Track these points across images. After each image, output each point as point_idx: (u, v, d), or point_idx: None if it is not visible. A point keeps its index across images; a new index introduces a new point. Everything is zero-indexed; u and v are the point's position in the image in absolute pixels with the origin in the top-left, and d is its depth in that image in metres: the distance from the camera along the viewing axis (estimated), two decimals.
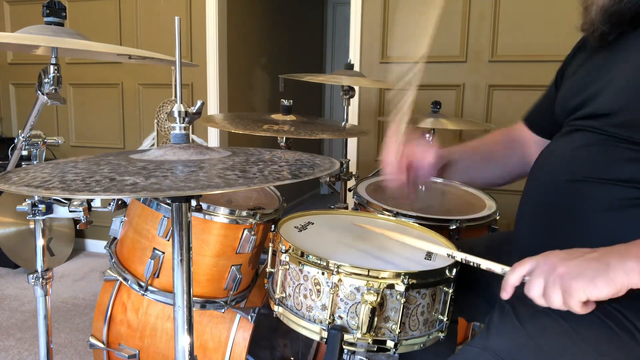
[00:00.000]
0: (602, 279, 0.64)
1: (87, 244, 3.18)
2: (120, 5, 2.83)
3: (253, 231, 1.17)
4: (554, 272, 0.68)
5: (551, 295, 0.67)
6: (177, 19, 0.66)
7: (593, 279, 0.64)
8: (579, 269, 0.66)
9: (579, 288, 0.65)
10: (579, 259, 0.67)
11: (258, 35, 3.49)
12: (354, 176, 1.77)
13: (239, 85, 3.19)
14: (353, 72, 1.70)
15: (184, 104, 0.71)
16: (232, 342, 1.29)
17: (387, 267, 0.85)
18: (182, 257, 0.70)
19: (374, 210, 1.34)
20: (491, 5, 2.27)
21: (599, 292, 0.64)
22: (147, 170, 0.59)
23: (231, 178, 0.57)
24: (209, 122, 1.44)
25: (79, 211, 1.13)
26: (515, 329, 0.76)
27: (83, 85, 2.99)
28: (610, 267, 0.64)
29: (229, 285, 1.21)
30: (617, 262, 0.65)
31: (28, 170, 0.62)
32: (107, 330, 1.31)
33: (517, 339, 0.75)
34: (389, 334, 0.85)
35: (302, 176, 0.61)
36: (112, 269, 1.25)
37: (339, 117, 2.04)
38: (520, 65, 2.25)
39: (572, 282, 0.65)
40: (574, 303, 0.65)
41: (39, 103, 1.10)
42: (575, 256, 0.68)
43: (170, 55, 1.08)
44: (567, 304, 0.66)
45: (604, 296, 0.64)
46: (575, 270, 0.66)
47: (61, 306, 2.32)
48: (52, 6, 1.01)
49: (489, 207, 1.44)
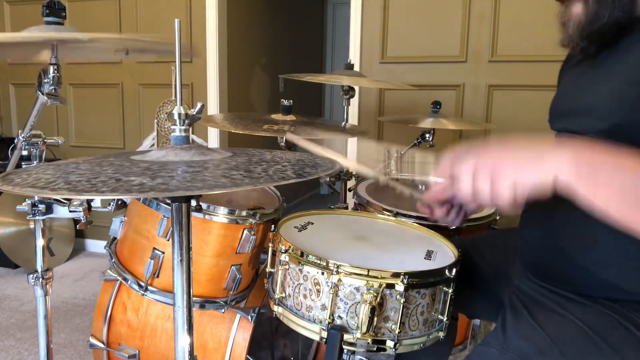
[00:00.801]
0: (531, 164, 0.63)
1: (87, 244, 3.18)
2: (120, 5, 2.83)
3: (253, 231, 1.17)
4: (484, 159, 0.67)
5: (478, 182, 0.66)
6: (177, 22, 0.66)
7: (523, 161, 0.64)
8: (511, 154, 0.65)
9: (508, 169, 0.64)
10: (515, 145, 0.66)
11: (258, 35, 3.49)
12: (354, 176, 1.78)
13: (239, 85, 3.19)
14: (353, 72, 1.70)
15: (184, 106, 0.71)
16: (232, 342, 1.29)
17: (386, 267, 0.85)
18: (182, 257, 0.70)
19: (374, 210, 1.34)
20: (491, 5, 2.27)
21: (528, 176, 0.63)
22: (152, 171, 0.59)
23: (237, 178, 0.58)
24: (209, 122, 1.44)
25: (79, 211, 1.13)
26: (534, 330, 0.76)
27: (83, 85, 2.99)
28: (544, 155, 0.64)
29: (228, 285, 1.21)
30: (550, 151, 0.64)
31: (30, 171, 0.62)
32: (107, 330, 1.31)
33: (539, 341, 0.74)
34: (388, 333, 0.85)
35: (306, 175, 0.62)
36: (112, 269, 1.25)
37: (339, 117, 2.04)
38: (520, 65, 2.25)
39: (501, 165, 0.65)
40: (502, 187, 0.64)
41: (39, 103, 1.10)
42: (512, 143, 0.67)
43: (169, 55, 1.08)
44: (495, 188, 0.65)
45: (530, 182, 0.63)
46: (508, 155, 0.66)
47: (61, 306, 2.32)
48: (52, 6, 1.01)
49: (489, 207, 1.44)
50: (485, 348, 0.78)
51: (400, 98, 2.47)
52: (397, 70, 2.45)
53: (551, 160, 0.62)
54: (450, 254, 1.00)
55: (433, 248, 1.02)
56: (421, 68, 2.41)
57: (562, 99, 0.91)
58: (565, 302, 0.80)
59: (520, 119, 2.24)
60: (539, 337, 0.75)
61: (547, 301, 0.82)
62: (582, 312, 0.77)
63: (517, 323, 0.80)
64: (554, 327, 0.75)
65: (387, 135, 2.51)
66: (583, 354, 0.71)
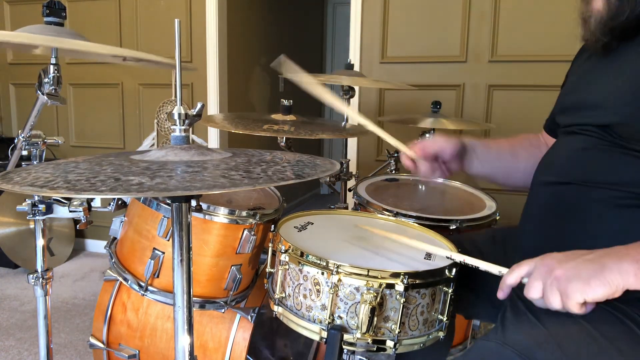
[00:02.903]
0: (597, 280, 0.65)
1: (87, 244, 3.18)
2: (120, 5, 2.83)
3: (253, 231, 1.17)
4: (551, 275, 0.69)
5: (550, 297, 0.69)
6: (177, 22, 0.66)
7: (588, 280, 0.66)
8: (575, 271, 0.67)
9: (575, 290, 0.66)
10: (576, 261, 0.69)
11: (258, 35, 3.49)
12: (354, 176, 1.78)
13: (239, 86, 3.19)
14: (353, 72, 1.70)
15: (184, 106, 0.71)
16: (232, 342, 1.29)
17: (386, 267, 0.85)
18: (182, 257, 0.70)
19: (374, 210, 1.34)
20: (491, 5, 2.27)
21: (594, 293, 0.65)
22: (151, 171, 0.59)
23: (236, 178, 0.58)
24: (209, 122, 1.44)
25: (79, 211, 1.13)
26: (534, 325, 0.77)
27: (83, 85, 2.99)
28: (606, 269, 0.65)
29: (229, 285, 1.21)
30: (612, 264, 0.66)
31: (30, 170, 0.62)
32: (107, 330, 1.31)
33: (538, 336, 0.75)
34: (388, 333, 0.85)
35: (305, 176, 0.62)
36: (112, 269, 1.25)
37: (339, 117, 2.04)
38: (520, 65, 2.25)
39: (568, 285, 0.67)
40: (572, 304, 0.67)
41: (39, 103, 1.10)
42: (572, 258, 0.69)
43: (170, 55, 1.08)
44: (566, 305, 0.68)
45: (599, 297, 0.65)
46: (572, 272, 0.67)
47: (61, 306, 2.32)
48: (52, 6, 1.01)
49: (489, 207, 1.44)
50: (485, 342, 0.79)
51: (400, 98, 2.47)
52: (397, 70, 2.45)
53: (615, 274, 0.65)
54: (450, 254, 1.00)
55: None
56: (421, 68, 2.41)
57: (572, 93, 0.91)
58: None
59: (520, 119, 2.24)
60: (538, 332, 0.76)
61: None
62: None
63: (517, 320, 0.81)
64: (553, 322, 0.76)
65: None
66: (581, 347, 0.72)
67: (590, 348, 0.71)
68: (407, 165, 1.06)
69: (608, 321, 0.73)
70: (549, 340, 0.73)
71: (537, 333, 0.76)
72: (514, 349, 0.74)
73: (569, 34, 0.99)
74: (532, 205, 0.93)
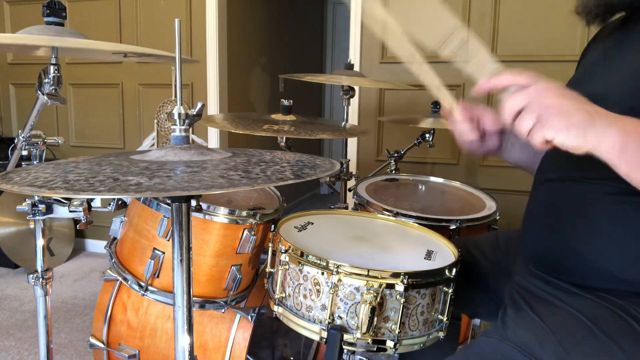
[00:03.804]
0: (578, 130, 0.63)
1: (87, 244, 3.18)
2: (120, 5, 2.83)
3: (253, 231, 1.17)
4: (542, 99, 0.65)
5: (525, 116, 0.66)
6: (177, 21, 0.66)
7: (571, 127, 0.63)
8: (566, 111, 0.64)
9: (553, 126, 0.63)
10: (573, 103, 0.65)
11: (258, 35, 3.49)
12: (354, 176, 1.77)
13: (239, 85, 3.19)
14: (353, 72, 1.70)
15: (184, 106, 0.71)
16: (232, 342, 1.29)
17: (386, 267, 0.85)
18: (182, 257, 0.70)
19: (374, 210, 1.34)
20: (491, 5, 2.27)
21: (566, 140, 0.63)
22: (150, 171, 0.59)
23: (235, 178, 0.58)
24: (209, 122, 1.44)
25: (79, 211, 1.13)
26: (534, 322, 0.77)
27: (83, 85, 2.99)
28: (593, 126, 0.63)
29: (229, 285, 1.21)
30: (601, 125, 0.63)
31: (29, 170, 0.62)
32: (107, 330, 1.31)
33: (538, 332, 0.75)
34: (388, 333, 0.85)
35: (304, 176, 0.62)
36: (112, 269, 1.25)
37: (339, 117, 2.04)
38: (520, 66, 2.25)
39: (550, 118, 0.64)
40: (539, 136, 0.64)
41: (39, 103, 1.10)
42: (572, 98, 0.66)
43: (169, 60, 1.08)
44: (533, 134, 0.65)
45: (567, 145, 0.63)
46: (563, 110, 0.64)
47: (61, 306, 2.32)
48: (52, 6, 1.01)
49: (489, 207, 1.44)
50: (485, 338, 0.79)
51: (400, 98, 2.47)
52: (397, 70, 2.45)
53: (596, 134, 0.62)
54: (450, 254, 1.00)
55: (433, 248, 1.02)
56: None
57: (576, 88, 0.91)
58: (565, 295, 0.80)
59: None
60: (537, 328, 0.76)
61: (547, 295, 0.83)
62: (582, 304, 0.77)
63: (517, 316, 0.81)
64: (553, 318, 0.76)
65: (387, 135, 2.51)
66: (580, 343, 0.72)
67: (590, 344, 0.71)
68: (446, 117, 0.98)
69: (607, 317, 0.73)
70: (548, 336, 0.73)
71: (537, 329, 0.76)
72: (514, 344, 0.74)
73: (569, 34, 0.99)
74: (534, 203, 0.92)
